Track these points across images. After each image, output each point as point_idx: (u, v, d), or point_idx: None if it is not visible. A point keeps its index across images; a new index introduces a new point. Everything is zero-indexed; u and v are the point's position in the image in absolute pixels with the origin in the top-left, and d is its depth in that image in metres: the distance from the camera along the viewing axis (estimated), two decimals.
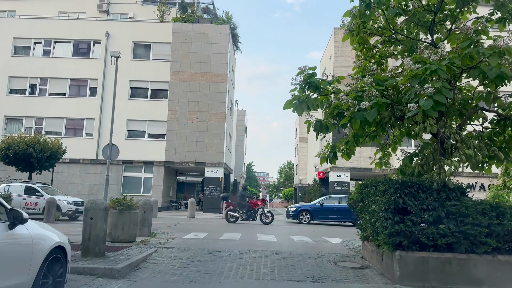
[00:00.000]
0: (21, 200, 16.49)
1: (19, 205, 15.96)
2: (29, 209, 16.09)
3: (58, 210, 16.24)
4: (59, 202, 16.24)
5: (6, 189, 16.77)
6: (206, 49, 28.84)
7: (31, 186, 17.28)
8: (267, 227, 15.73)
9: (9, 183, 17.60)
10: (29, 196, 16.80)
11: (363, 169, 27.80)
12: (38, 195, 16.81)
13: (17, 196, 16.43)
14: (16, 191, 16.78)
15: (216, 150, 28.04)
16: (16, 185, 17.31)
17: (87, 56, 29.42)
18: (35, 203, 16.60)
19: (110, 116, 28.54)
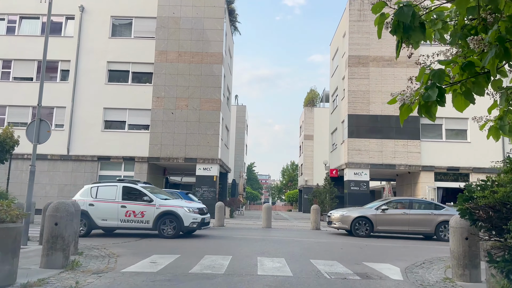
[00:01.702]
0: (118, 209, 11.54)
1: (115, 216, 11.50)
2: (132, 223, 11.49)
3: (177, 222, 11.43)
4: (178, 210, 11.52)
5: (94, 192, 11.91)
6: (197, 25, 24.38)
7: (133, 186, 12.08)
8: (273, 242, 11.16)
9: (98, 183, 12.57)
10: (131, 202, 11.70)
11: (385, 165, 23.25)
12: (145, 200, 11.69)
13: (111, 201, 11.65)
14: (109, 194, 11.83)
15: (209, 144, 23.53)
16: (109, 186, 12.11)
17: (58, 34, 24.97)
18: (140, 213, 11.51)
19: (84, 104, 24.22)
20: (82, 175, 23.35)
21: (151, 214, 11.45)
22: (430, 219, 14.20)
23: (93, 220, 11.46)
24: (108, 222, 11.51)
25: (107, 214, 11.54)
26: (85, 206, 11.48)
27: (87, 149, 23.51)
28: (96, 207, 11.62)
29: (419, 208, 14.73)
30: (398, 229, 14.34)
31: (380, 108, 23.64)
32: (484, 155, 22.94)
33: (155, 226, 11.39)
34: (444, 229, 14.04)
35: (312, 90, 53.70)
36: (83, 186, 12.91)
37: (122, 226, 11.52)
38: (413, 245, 11.95)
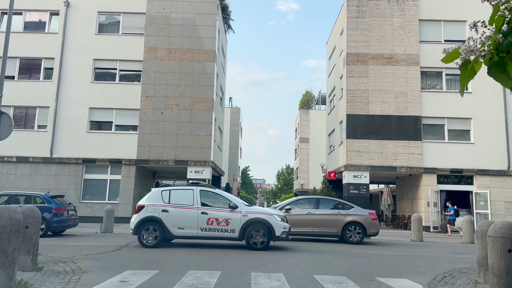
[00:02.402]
0: (198, 216, 10.14)
1: (195, 224, 10.07)
2: (214, 232, 10.13)
3: (267, 232, 10.12)
4: (268, 218, 10.18)
5: (165, 196, 10.40)
6: (189, 21, 23.25)
7: (212, 190, 10.79)
8: (269, 252, 9.98)
9: (168, 186, 10.96)
10: (212, 209, 10.33)
11: (386, 167, 22.17)
12: (229, 206, 10.31)
13: (189, 207, 10.22)
14: (186, 199, 10.36)
15: (201, 145, 22.32)
16: (183, 189, 10.62)
17: (41, 30, 23.74)
18: (225, 221, 10.10)
19: (69, 104, 22.93)
20: (66, 178, 22.05)
21: (237, 223, 10.09)
22: (337, 220, 13.09)
23: (167, 228, 10.04)
24: (185, 231, 10.10)
25: (184, 221, 10.10)
26: (157, 212, 10.15)
27: (72, 151, 22.22)
28: (171, 213, 10.16)
29: (327, 207, 13.52)
30: (301, 231, 12.98)
31: (380, 108, 22.58)
32: (489, 157, 21.97)
33: (242, 235, 10.07)
34: (351, 231, 13.03)
35: (308, 92, 52.73)
36: (151, 190, 11.07)
37: (202, 236, 10.11)
38: (424, 254, 10.81)
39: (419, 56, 22.87)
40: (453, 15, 23.23)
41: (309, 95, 52.23)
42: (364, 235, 13.03)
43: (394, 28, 23.19)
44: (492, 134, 22.11)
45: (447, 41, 23.13)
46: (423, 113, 22.49)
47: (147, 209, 10.21)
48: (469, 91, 22.67)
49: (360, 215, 13.25)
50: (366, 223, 13.07)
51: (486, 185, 21.76)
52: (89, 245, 10.36)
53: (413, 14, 23.25)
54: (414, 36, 23.04)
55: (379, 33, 23.16)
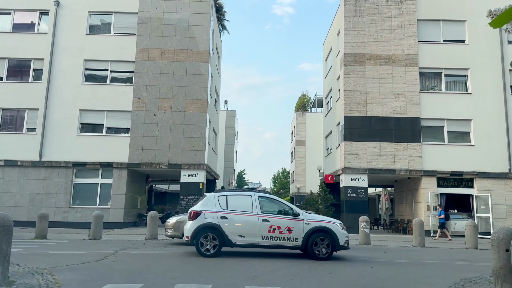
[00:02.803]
0: (260, 224, 9.56)
1: (256, 232, 9.53)
2: (276, 240, 9.59)
3: (331, 241, 9.67)
4: (331, 227, 9.77)
5: (222, 202, 9.79)
6: (182, 20, 22.69)
7: (271, 197, 10.30)
8: (265, 259, 9.37)
9: (224, 191, 10.33)
10: (273, 216, 9.75)
11: (385, 170, 21.64)
12: (290, 213, 9.81)
13: (249, 214, 9.65)
14: (245, 205, 9.78)
15: (195, 148, 21.71)
16: (241, 195, 10.08)
17: (31, 30, 23.09)
18: (287, 229, 9.57)
19: (59, 106, 22.26)
20: (56, 183, 21.35)
21: (300, 231, 9.60)
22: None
23: (227, 236, 9.47)
24: (246, 239, 9.52)
25: (245, 229, 9.53)
26: (215, 219, 9.53)
27: (61, 155, 21.54)
28: (231, 220, 9.56)
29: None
30: None
31: (378, 109, 22.08)
32: (489, 159, 21.51)
33: (305, 244, 9.56)
34: None
35: (304, 95, 52.22)
36: (205, 195, 10.36)
37: (263, 244, 9.56)
38: (429, 262, 10.23)
39: (418, 57, 22.42)
40: (452, 15, 22.82)
41: (305, 97, 51.74)
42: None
43: (392, 28, 22.75)
44: (492, 135, 21.66)
45: (446, 41, 22.72)
46: (422, 114, 22.02)
47: (205, 215, 9.55)
48: (469, 92, 22.23)
49: None
50: None
51: (487, 188, 21.28)
52: (73, 253, 9.71)
53: (411, 13, 22.82)
54: (413, 36, 22.60)
55: (377, 33, 22.71)
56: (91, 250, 10.46)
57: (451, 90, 22.55)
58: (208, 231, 9.42)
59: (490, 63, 22.25)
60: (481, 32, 22.50)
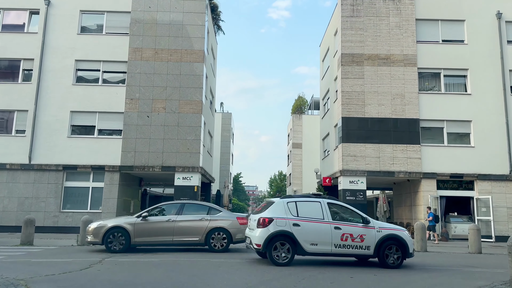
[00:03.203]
0: (332, 232, 9.26)
1: (328, 240, 9.19)
2: (348, 248, 9.31)
3: (402, 249, 9.42)
4: (402, 234, 9.52)
5: (292, 208, 9.40)
6: (176, 20, 22.18)
7: (339, 203, 9.98)
8: (261, 269, 8.82)
9: (291, 197, 9.92)
10: (343, 223, 9.43)
11: (383, 172, 21.17)
12: (360, 221, 9.53)
13: (320, 221, 9.32)
14: (315, 212, 9.44)
15: (189, 150, 21.15)
16: (310, 202, 9.69)
17: (20, 30, 22.49)
18: (359, 237, 9.34)
19: (49, 108, 21.63)
20: (45, 186, 20.72)
21: (372, 239, 9.35)
22: (200, 226, 11.78)
23: (300, 244, 9.13)
24: (319, 247, 9.21)
25: (317, 237, 9.22)
26: (288, 226, 9.16)
27: (52, 158, 20.91)
28: (303, 228, 9.22)
29: (191, 213, 12.13)
30: (160, 240, 11.58)
31: (377, 110, 21.63)
32: (490, 161, 21.10)
33: (377, 253, 9.31)
34: (216, 237, 11.78)
35: (300, 97, 51.80)
36: (268, 201, 10.08)
37: (336, 253, 9.31)
38: (434, 268, 9.72)
39: (416, 57, 22.02)
40: (451, 15, 22.46)
41: (302, 100, 51.33)
42: (230, 241, 11.85)
43: (390, 27, 22.34)
44: (493, 137, 21.26)
45: (445, 41, 22.35)
46: (421, 115, 21.59)
47: (277, 222, 9.19)
48: (468, 93, 21.84)
49: (226, 220, 12.00)
50: (232, 228, 11.91)
51: (487, 190, 20.85)
52: (57, 261, 9.11)
53: (410, 13, 22.44)
54: (411, 36, 22.20)
55: (375, 32, 22.29)
56: (77, 257, 9.87)
57: (450, 90, 22.15)
58: (281, 239, 9.11)
59: (489, 63, 21.88)
60: (480, 32, 22.16)
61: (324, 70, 28.60)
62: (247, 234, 10.02)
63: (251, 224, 9.86)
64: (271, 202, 9.77)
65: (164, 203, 12.92)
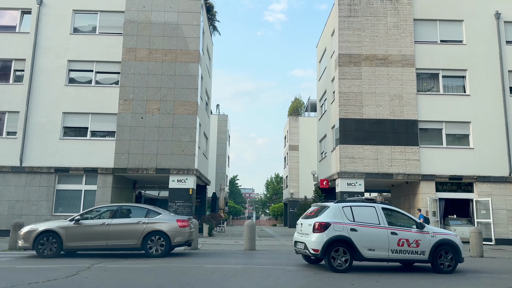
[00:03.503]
0: (389, 237, 9.17)
1: (385, 245, 9.12)
2: (404, 254, 9.22)
3: (455, 255, 9.48)
4: (455, 240, 9.64)
5: (348, 213, 9.35)
6: (171, 19, 21.81)
7: (393, 208, 9.91)
8: (258, 277, 8.43)
9: (346, 202, 9.81)
10: (398, 228, 9.33)
11: (382, 174, 20.84)
12: (413, 225, 9.53)
13: (376, 226, 9.24)
14: (370, 217, 9.35)
15: (184, 152, 20.74)
16: (365, 206, 9.61)
17: (12, 30, 22.04)
18: (415, 242, 9.25)
19: (41, 109, 21.17)
20: (37, 189, 20.23)
21: (427, 244, 9.33)
22: (136, 230, 11.17)
23: (358, 249, 8.99)
24: (376, 252, 9.10)
25: (374, 242, 9.11)
26: (345, 231, 9.04)
27: (43, 160, 20.44)
28: (360, 233, 9.09)
29: (127, 216, 11.56)
30: (94, 245, 11.00)
31: (375, 111, 21.33)
32: (489, 163, 20.83)
33: (431, 258, 9.30)
34: (153, 242, 11.17)
35: (297, 99, 51.53)
36: (320, 205, 9.98)
37: (392, 258, 9.22)
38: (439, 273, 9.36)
39: (415, 57, 21.74)
40: (449, 15, 22.22)
41: (298, 101, 51.05)
42: (169, 245, 11.24)
43: (388, 27, 22.07)
44: (492, 138, 21.00)
45: (443, 41, 22.10)
46: (420, 117, 21.31)
47: (334, 227, 9.06)
48: (467, 94, 21.58)
49: (164, 222, 11.36)
50: (171, 231, 11.28)
51: (487, 192, 20.56)
52: (43, 268, 8.68)
53: (408, 13, 22.18)
54: (409, 36, 21.93)
55: (373, 33, 22.01)
56: (65, 263, 9.43)
57: (449, 91, 21.89)
58: (340, 244, 8.99)
59: (488, 63, 21.65)
60: (479, 32, 21.93)
61: (321, 71, 28.30)
62: (297, 239, 9.85)
63: (303, 228, 9.70)
64: (325, 207, 9.63)
65: (100, 206, 12.50)
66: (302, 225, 9.83)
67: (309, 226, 9.32)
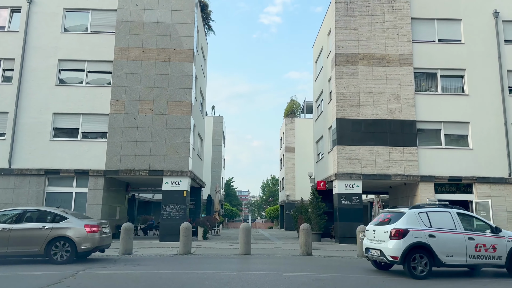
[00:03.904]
0: (466, 242, 9.11)
1: (463, 251, 9.06)
2: (481, 259, 9.18)
3: None
4: None
5: (424, 219, 9.26)
6: (164, 18, 21.34)
7: (466, 213, 9.88)
8: (253, 284, 7.96)
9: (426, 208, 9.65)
10: (474, 233, 9.31)
11: (380, 176, 20.44)
12: (494, 231, 9.53)
13: (454, 232, 9.19)
14: (447, 222, 9.26)
15: (178, 154, 20.25)
16: (440, 211, 9.50)
17: (0, 29, 21.49)
18: (492, 247, 9.23)
19: (30, 109, 20.60)
20: (26, 192, 19.65)
21: (504, 248, 9.28)
22: (39, 235, 10.43)
23: (436, 255, 8.91)
24: (454, 258, 9.04)
25: (452, 248, 9.05)
26: (424, 238, 8.98)
27: (33, 162, 19.88)
28: (439, 239, 9.03)
29: (31, 220, 10.83)
30: None
31: (372, 112, 20.94)
32: (489, 163, 20.48)
33: (507, 263, 9.28)
34: (58, 248, 10.46)
35: (293, 100, 51.10)
36: (394, 211, 9.84)
37: (470, 263, 9.19)
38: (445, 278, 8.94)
39: (412, 57, 21.39)
40: (447, 13, 21.91)
41: (294, 103, 50.64)
42: (74, 252, 10.52)
43: (385, 26, 21.72)
44: (491, 139, 20.66)
45: (441, 40, 21.78)
46: (418, 117, 20.94)
47: (413, 233, 8.99)
48: (465, 93, 21.26)
49: (70, 228, 10.64)
50: (77, 237, 10.54)
51: (486, 194, 20.21)
52: (24, 275, 8.16)
53: (405, 12, 21.84)
54: (407, 35, 21.59)
55: (370, 32, 21.64)
56: (50, 270, 8.92)
57: (448, 91, 21.55)
58: (419, 251, 8.93)
59: (487, 63, 21.34)
60: (477, 31, 21.63)
61: (317, 71, 27.91)
62: (368, 245, 9.76)
63: (376, 235, 9.63)
64: (401, 213, 9.52)
65: (4, 210, 11.76)
66: (375, 231, 9.74)
67: (385, 233, 9.26)
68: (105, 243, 11.45)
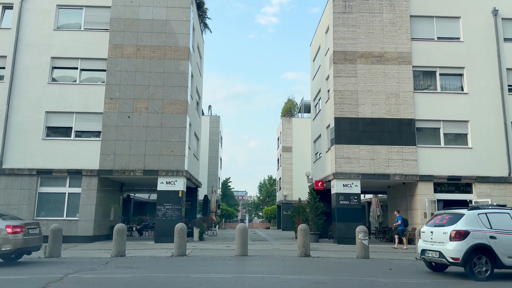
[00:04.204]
0: None
1: None
2: None
3: None
4: None
5: (484, 220, 9.24)
6: (159, 15, 20.97)
7: None
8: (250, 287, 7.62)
9: (485, 209, 9.61)
10: None
11: (378, 175, 20.14)
12: None
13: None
14: (506, 224, 9.28)
15: (174, 153, 19.88)
16: (498, 213, 9.52)
17: None
18: None
19: (22, 108, 20.17)
20: (18, 192, 19.24)
21: None
22: None
23: (498, 257, 8.88)
24: None
25: None
26: (485, 239, 8.97)
27: (25, 161, 19.46)
28: (500, 240, 9.01)
29: None
30: None
31: (371, 110, 20.64)
32: (488, 162, 20.24)
33: None
34: None
35: (290, 100, 50.78)
36: (453, 213, 9.73)
37: None
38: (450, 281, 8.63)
39: (411, 55, 21.12)
40: (446, 11, 21.65)
41: (291, 102, 50.32)
42: None
43: (384, 24, 21.44)
44: (491, 138, 20.41)
45: (440, 38, 21.51)
46: (417, 115, 20.66)
47: (474, 235, 8.96)
48: (465, 92, 21.00)
49: None
50: None
51: (486, 193, 19.96)
52: (10, 279, 7.78)
53: (404, 9, 21.57)
54: (405, 33, 21.31)
55: (368, 29, 21.36)
56: (37, 273, 8.55)
57: (447, 90, 21.29)
58: (480, 252, 8.90)
59: (486, 61, 21.09)
60: (476, 29, 21.39)
61: (315, 69, 27.61)
62: (425, 247, 9.70)
63: (434, 237, 9.55)
64: (459, 214, 9.46)
65: None
66: (432, 233, 9.65)
67: (444, 234, 9.19)
68: (31, 245, 10.64)
